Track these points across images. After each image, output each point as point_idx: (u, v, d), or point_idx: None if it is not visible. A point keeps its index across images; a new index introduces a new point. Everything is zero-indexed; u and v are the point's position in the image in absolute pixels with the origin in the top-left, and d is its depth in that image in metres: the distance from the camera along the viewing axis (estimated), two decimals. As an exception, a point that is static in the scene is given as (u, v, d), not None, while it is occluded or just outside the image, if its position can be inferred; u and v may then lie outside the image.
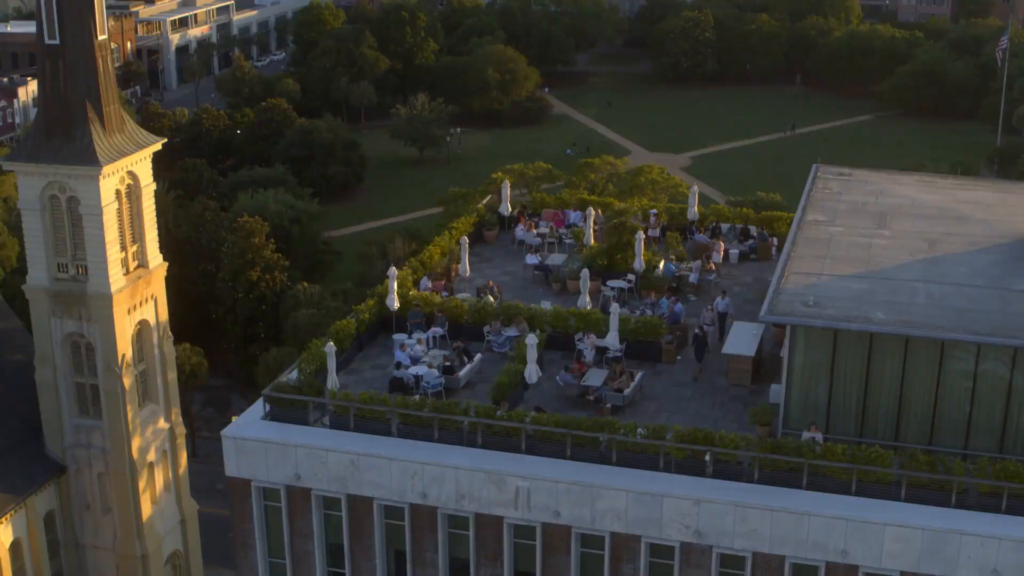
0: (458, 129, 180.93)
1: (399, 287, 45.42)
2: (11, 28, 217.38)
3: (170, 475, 69.18)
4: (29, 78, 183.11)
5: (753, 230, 52.75)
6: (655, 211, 54.57)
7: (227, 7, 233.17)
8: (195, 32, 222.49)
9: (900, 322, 36.40)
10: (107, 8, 64.56)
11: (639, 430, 37.09)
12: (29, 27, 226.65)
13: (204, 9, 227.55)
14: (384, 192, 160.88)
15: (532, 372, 39.80)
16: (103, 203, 60.97)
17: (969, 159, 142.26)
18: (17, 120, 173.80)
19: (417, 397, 40.32)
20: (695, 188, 56.11)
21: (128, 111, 68.58)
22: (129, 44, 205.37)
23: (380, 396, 39.26)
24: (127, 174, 62.96)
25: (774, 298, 37.73)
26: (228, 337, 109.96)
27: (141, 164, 63.73)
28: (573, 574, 37.40)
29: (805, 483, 35.68)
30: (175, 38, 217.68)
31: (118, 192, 62.33)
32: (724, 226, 53.43)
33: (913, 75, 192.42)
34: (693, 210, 54.05)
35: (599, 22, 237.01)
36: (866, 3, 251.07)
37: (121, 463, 64.73)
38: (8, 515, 62.12)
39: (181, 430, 69.31)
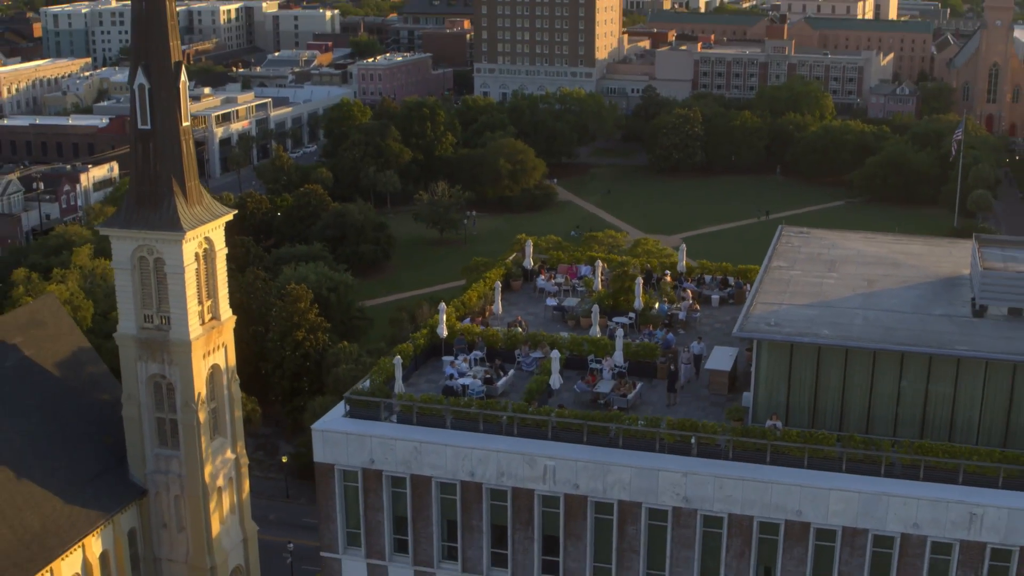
0: (473, 213, 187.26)
1: (446, 320, 52.40)
2: (72, 121, 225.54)
3: (235, 499, 73.29)
4: (90, 165, 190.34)
5: (731, 280, 59.72)
6: (668, 271, 61.14)
7: (265, 104, 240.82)
8: (237, 126, 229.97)
9: (841, 337, 43.35)
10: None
11: (640, 421, 43.88)
12: (88, 120, 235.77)
13: (244, 106, 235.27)
14: (408, 267, 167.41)
15: (556, 380, 46.69)
16: (185, 263, 66.12)
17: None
18: (79, 202, 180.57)
19: (465, 399, 46.78)
20: (683, 245, 63.26)
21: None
22: None
23: (437, 397, 46.14)
24: (204, 239, 68.05)
25: (744, 320, 44.78)
26: (276, 390, 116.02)
27: (216, 231, 69.47)
28: (589, 535, 43.94)
29: (768, 459, 41.99)
30: (219, 131, 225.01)
31: (197, 255, 67.07)
32: (708, 277, 60.43)
33: (880, 165, 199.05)
34: (682, 264, 61.18)
35: (599, 119, 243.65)
36: (839, 101, 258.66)
37: (195, 487, 69.17)
38: (98, 530, 66.85)
39: (245, 460, 74.25)
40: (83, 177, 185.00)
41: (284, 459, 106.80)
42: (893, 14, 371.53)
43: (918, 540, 40.29)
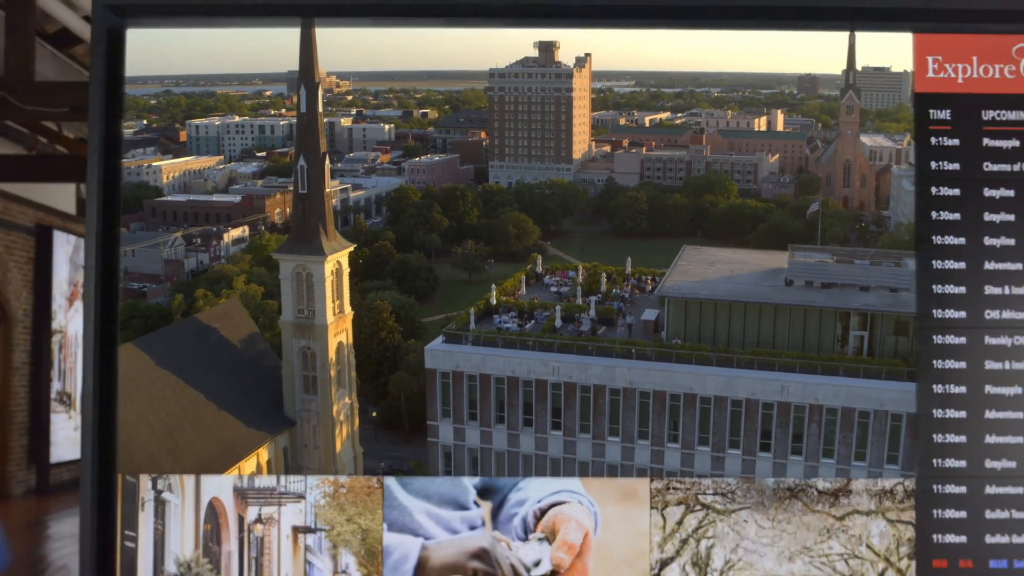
0: (492, 261, 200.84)
1: (497, 295, 67.12)
2: (214, 198, 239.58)
3: (350, 429, 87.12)
4: (229, 228, 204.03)
5: (658, 279, 74.60)
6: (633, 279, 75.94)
7: (346, 188, 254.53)
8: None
9: (711, 296, 58.01)
10: (267, 187, 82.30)
11: (603, 342, 58.49)
12: (225, 198, 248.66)
13: (333, 190, 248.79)
14: (448, 297, 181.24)
15: (557, 322, 61.27)
16: (325, 276, 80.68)
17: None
18: (222, 253, 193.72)
19: (508, 333, 61.37)
20: (629, 258, 78.04)
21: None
22: (279, 209, 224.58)
23: (493, 331, 60.71)
24: (336, 262, 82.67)
25: (660, 288, 59.67)
26: (365, 373, 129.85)
27: (343, 257, 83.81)
28: (577, 405, 58.14)
29: (673, 360, 56.74)
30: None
31: (332, 271, 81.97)
32: (645, 277, 75.14)
33: (768, 231, 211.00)
34: (628, 269, 75.94)
35: (576, 199, 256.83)
36: (741, 187, 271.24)
37: (326, 420, 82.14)
38: (266, 445, 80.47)
39: (356, 405, 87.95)
40: (225, 236, 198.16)
41: (374, 414, 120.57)
42: (780, 127, 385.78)
43: (754, 402, 54.55)
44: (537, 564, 3.62)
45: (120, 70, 3.59)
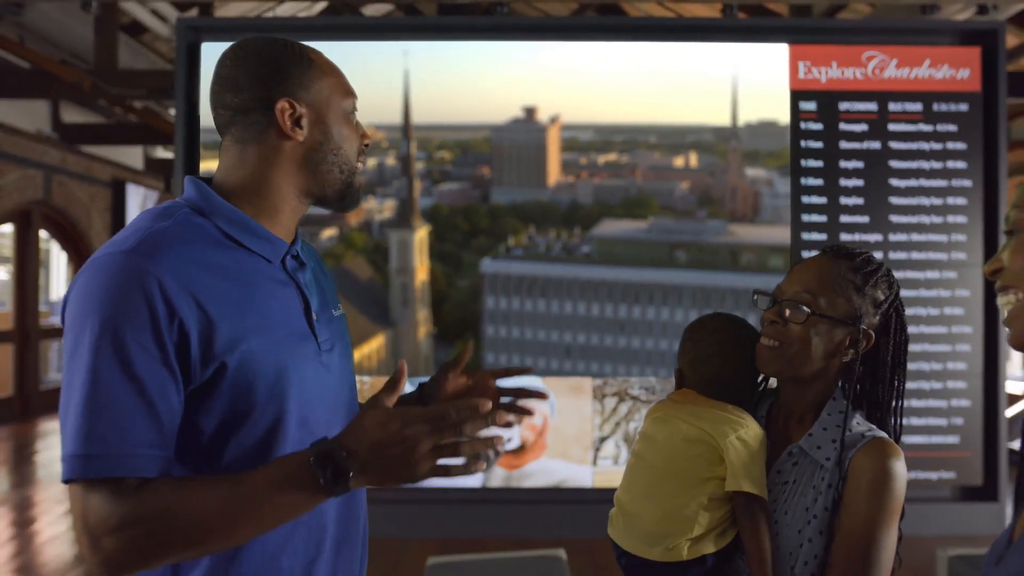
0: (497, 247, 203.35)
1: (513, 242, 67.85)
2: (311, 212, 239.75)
3: (425, 332, 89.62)
4: (324, 228, 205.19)
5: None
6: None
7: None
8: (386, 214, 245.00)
9: (613, 238, 58.68)
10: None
11: (566, 257, 59.11)
12: (317, 210, 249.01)
13: (416, 196, 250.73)
14: (470, 269, 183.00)
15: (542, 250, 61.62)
16: (415, 242, 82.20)
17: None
18: (323, 245, 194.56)
19: None
20: (578, 227, 78.63)
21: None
22: (355, 219, 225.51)
23: (512, 255, 61.53)
24: (420, 235, 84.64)
25: (588, 236, 60.09)
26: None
27: (423, 233, 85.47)
28: (551, 287, 58.81)
29: (596, 264, 57.47)
30: (379, 218, 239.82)
31: (418, 239, 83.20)
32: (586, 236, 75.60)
33: None
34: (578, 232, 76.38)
35: (551, 212, 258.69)
36: (662, 204, 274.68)
37: (414, 323, 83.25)
38: (379, 334, 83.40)
39: (430, 316, 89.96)
40: (322, 233, 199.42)
41: (434, 329, 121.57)
42: (693, 163, 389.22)
43: (635, 284, 55.44)
44: (509, 440, 3.40)
45: (197, 74, 3.35)
